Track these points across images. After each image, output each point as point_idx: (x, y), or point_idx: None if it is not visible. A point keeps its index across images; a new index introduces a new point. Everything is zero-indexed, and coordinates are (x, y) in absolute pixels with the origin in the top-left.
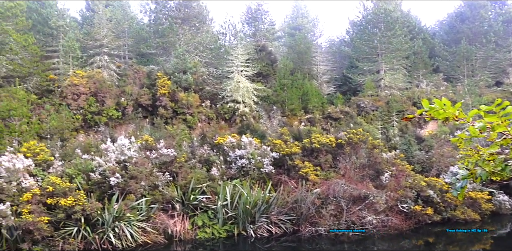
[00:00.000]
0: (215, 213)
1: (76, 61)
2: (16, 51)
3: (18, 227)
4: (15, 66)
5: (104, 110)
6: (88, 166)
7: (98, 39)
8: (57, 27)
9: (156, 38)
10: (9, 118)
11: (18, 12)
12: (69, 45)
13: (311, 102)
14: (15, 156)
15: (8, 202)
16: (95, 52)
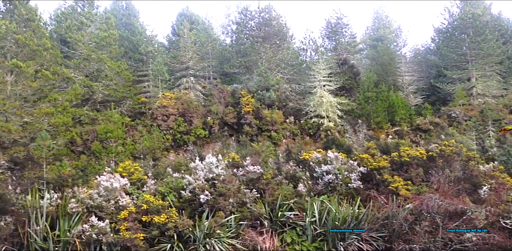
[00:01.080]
0: (303, 230)
1: (165, 84)
2: (111, 77)
3: (117, 243)
4: (110, 91)
5: (192, 130)
6: (179, 184)
7: (184, 62)
8: (147, 52)
9: (239, 57)
10: (106, 140)
11: (111, 41)
12: (158, 69)
13: (398, 114)
14: (112, 176)
15: (107, 219)
16: (181, 74)
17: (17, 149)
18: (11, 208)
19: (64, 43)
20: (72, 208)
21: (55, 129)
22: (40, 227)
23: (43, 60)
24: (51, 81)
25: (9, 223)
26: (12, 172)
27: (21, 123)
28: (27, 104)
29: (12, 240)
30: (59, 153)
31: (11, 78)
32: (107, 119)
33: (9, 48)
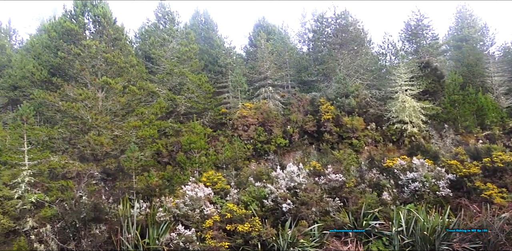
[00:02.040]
0: (390, 240)
1: (244, 94)
2: (192, 90)
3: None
4: (192, 104)
5: (272, 139)
6: (261, 193)
7: (262, 72)
8: (225, 64)
9: (316, 65)
10: (190, 151)
11: (192, 55)
12: (237, 80)
13: (488, 117)
14: (197, 186)
15: (193, 228)
16: (260, 84)
17: (109, 161)
18: (105, 217)
19: (148, 59)
20: (160, 217)
21: (143, 141)
22: (131, 235)
23: (130, 76)
24: (138, 95)
25: (103, 231)
26: (105, 182)
27: (111, 136)
28: (117, 118)
29: (106, 247)
30: (147, 164)
31: (101, 94)
32: (190, 130)
33: (99, 66)
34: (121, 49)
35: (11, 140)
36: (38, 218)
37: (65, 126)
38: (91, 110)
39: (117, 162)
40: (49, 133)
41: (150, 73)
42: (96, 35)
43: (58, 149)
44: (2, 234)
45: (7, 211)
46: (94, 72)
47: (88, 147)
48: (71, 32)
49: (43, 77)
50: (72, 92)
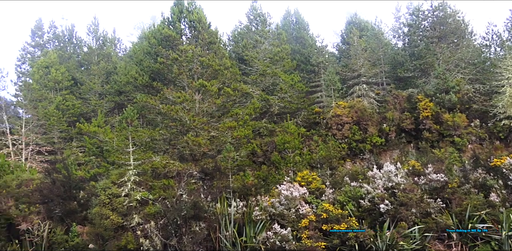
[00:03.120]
0: (499, 245)
1: (337, 93)
2: (285, 90)
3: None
4: (286, 103)
5: (368, 138)
6: (357, 193)
7: (355, 70)
8: (318, 63)
9: (413, 60)
10: (284, 150)
11: (284, 55)
12: (330, 78)
13: None
14: (291, 185)
15: (289, 227)
16: (354, 82)
17: (206, 161)
18: (204, 215)
19: (242, 61)
20: (256, 216)
21: (238, 141)
22: (229, 233)
23: (224, 78)
24: (232, 97)
25: (203, 228)
26: (203, 181)
27: (208, 137)
28: (213, 120)
29: (206, 244)
30: (242, 164)
31: (198, 96)
32: (284, 130)
33: (196, 70)
34: (216, 52)
35: (118, 141)
36: (143, 215)
37: (165, 127)
38: (189, 112)
39: (214, 162)
40: (151, 135)
41: (243, 74)
42: (192, 40)
43: (159, 150)
44: (111, 229)
45: (115, 208)
46: (191, 76)
47: (187, 148)
48: (169, 38)
49: (145, 82)
50: (171, 95)
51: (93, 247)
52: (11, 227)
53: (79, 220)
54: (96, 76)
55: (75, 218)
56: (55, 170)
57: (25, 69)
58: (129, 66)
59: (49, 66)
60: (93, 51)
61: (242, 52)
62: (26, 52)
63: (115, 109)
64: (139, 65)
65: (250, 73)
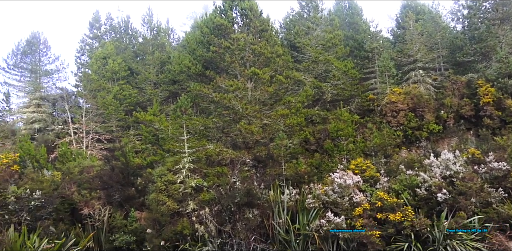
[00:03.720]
0: None
1: (392, 79)
2: (338, 77)
3: (353, 239)
4: (339, 91)
5: (424, 125)
6: (413, 181)
7: (411, 55)
8: (372, 49)
9: (472, 44)
10: (337, 138)
11: (337, 42)
12: (384, 64)
13: None
14: (345, 173)
15: (342, 215)
16: (409, 68)
17: (259, 149)
18: (257, 202)
19: (294, 48)
20: (309, 204)
21: (290, 129)
22: (282, 220)
23: (276, 66)
24: (285, 84)
25: (256, 215)
26: (256, 169)
27: (261, 125)
28: (265, 107)
29: (259, 230)
30: (295, 152)
31: (250, 84)
32: (337, 117)
33: (248, 58)
34: (268, 40)
35: (173, 129)
36: (198, 201)
37: (218, 116)
38: (241, 100)
39: (267, 150)
40: (204, 123)
41: (295, 62)
42: (244, 28)
43: (213, 138)
44: (168, 214)
45: (171, 194)
46: (243, 64)
47: (240, 136)
48: (221, 26)
49: (198, 71)
50: (223, 84)
51: (151, 231)
52: (75, 211)
53: (137, 205)
54: (151, 66)
55: (133, 203)
56: (113, 158)
57: (84, 60)
58: (182, 56)
59: (106, 57)
60: (148, 42)
61: (294, 39)
62: (85, 44)
63: (170, 98)
64: (192, 54)
65: (302, 60)
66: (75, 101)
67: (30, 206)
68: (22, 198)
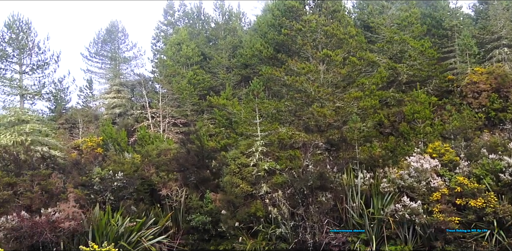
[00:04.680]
0: None
1: (473, 58)
2: (414, 57)
3: (430, 225)
4: (415, 71)
5: (509, 106)
6: (496, 166)
7: (495, 32)
8: (451, 27)
9: None
10: (413, 121)
11: (413, 20)
12: (465, 43)
13: None
14: (422, 157)
15: (419, 200)
16: (492, 46)
17: (331, 132)
18: (330, 185)
19: (367, 28)
20: (384, 188)
21: (364, 112)
22: (356, 204)
23: (349, 47)
24: (358, 66)
25: (329, 198)
26: (329, 152)
27: (333, 108)
28: (338, 90)
29: (332, 214)
30: (369, 135)
31: (323, 67)
32: (413, 99)
33: (320, 40)
34: (340, 21)
35: (246, 113)
36: (271, 184)
37: (290, 99)
38: (314, 83)
39: (339, 133)
40: (276, 106)
41: (369, 42)
42: (315, 9)
43: (285, 121)
44: (241, 197)
45: (245, 177)
46: (315, 46)
47: (312, 119)
48: (293, 8)
49: (269, 54)
50: (295, 67)
51: (225, 213)
52: (154, 192)
53: (212, 187)
54: (223, 50)
55: (208, 185)
56: (189, 141)
57: (159, 47)
58: (254, 39)
59: (180, 43)
60: (220, 26)
61: (367, 19)
62: (160, 31)
63: (242, 82)
64: (263, 37)
65: (376, 41)
66: (152, 86)
67: (113, 187)
68: (105, 179)
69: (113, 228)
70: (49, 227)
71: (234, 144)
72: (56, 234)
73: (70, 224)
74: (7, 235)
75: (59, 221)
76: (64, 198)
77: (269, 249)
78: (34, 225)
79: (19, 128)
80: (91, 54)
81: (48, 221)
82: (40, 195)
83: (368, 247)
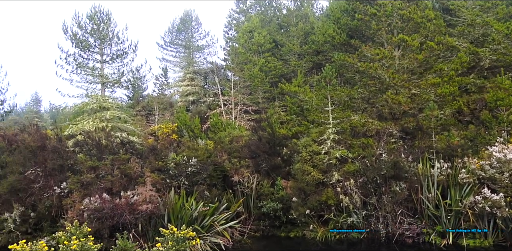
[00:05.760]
0: None
1: None
2: (498, 41)
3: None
4: (499, 56)
5: None
6: None
7: None
8: None
9: None
10: (496, 109)
11: (497, 1)
12: None
13: None
14: (505, 147)
15: (501, 192)
16: None
17: (407, 120)
18: (404, 175)
19: (447, 11)
20: (463, 179)
21: (442, 99)
22: (432, 195)
23: (427, 31)
24: (436, 51)
25: (403, 188)
26: (403, 141)
27: (409, 95)
28: (414, 76)
29: (406, 204)
30: (447, 123)
31: (398, 52)
32: (496, 86)
33: (395, 24)
34: (417, 4)
35: (317, 100)
36: (342, 173)
37: (363, 86)
38: (388, 69)
39: (415, 121)
40: (349, 93)
41: (448, 26)
42: None
43: (358, 108)
44: (312, 184)
45: (316, 165)
46: (390, 31)
47: (386, 106)
48: None
49: (342, 40)
50: (369, 53)
51: (296, 200)
52: (226, 178)
53: (283, 174)
54: (294, 37)
55: (279, 172)
56: (260, 128)
57: (231, 35)
58: (326, 25)
59: (252, 30)
60: (292, 13)
61: (447, 2)
62: (232, 19)
63: (313, 69)
64: (336, 23)
65: (456, 24)
66: (224, 74)
67: (187, 172)
68: (180, 164)
69: (187, 212)
70: (128, 209)
71: (305, 132)
72: (135, 216)
73: (147, 207)
74: (91, 216)
75: (137, 204)
76: (142, 182)
77: (340, 237)
78: (115, 206)
79: (100, 115)
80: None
81: (127, 204)
82: (119, 179)
83: (444, 239)
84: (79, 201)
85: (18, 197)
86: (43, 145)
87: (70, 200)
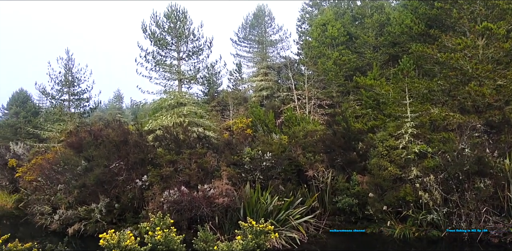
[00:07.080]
0: None
1: None
2: None
3: None
4: None
5: None
6: None
7: None
8: None
9: None
10: None
11: None
12: None
13: None
14: None
15: None
16: None
17: (492, 113)
18: (489, 171)
19: None
20: None
21: None
22: None
23: None
24: None
25: (488, 185)
26: (488, 135)
27: (494, 86)
28: (500, 67)
29: (492, 202)
30: None
31: (482, 41)
32: None
33: (479, 12)
34: None
35: (394, 93)
36: (421, 168)
37: (444, 78)
38: (471, 59)
39: (501, 114)
40: (428, 86)
41: None
42: None
43: (437, 101)
44: (390, 180)
45: (393, 160)
46: (473, 19)
47: (469, 99)
48: None
49: (421, 31)
50: (450, 43)
51: (373, 196)
52: (300, 173)
53: (358, 169)
54: (369, 29)
55: (354, 167)
56: (335, 122)
57: (304, 29)
58: (403, 16)
59: (325, 23)
60: (366, 4)
61: None
62: (305, 12)
63: (390, 61)
64: (414, 13)
65: None
66: (297, 68)
67: (262, 166)
68: (255, 158)
69: (262, 206)
70: (205, 202)
71: (381, 126)
72: (212, 209)
73: (224, 200)
74: (170, 208)
75: (214, 197)
76: (218, 176)
77: (419, 235)
78: (193, 199)
79: (178, 110)
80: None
81: (205, 197)
82: (197, 172)
83: None
84: (159, 193)
85: (104, 188)
86: (125, 140)
87: (151, 193)
